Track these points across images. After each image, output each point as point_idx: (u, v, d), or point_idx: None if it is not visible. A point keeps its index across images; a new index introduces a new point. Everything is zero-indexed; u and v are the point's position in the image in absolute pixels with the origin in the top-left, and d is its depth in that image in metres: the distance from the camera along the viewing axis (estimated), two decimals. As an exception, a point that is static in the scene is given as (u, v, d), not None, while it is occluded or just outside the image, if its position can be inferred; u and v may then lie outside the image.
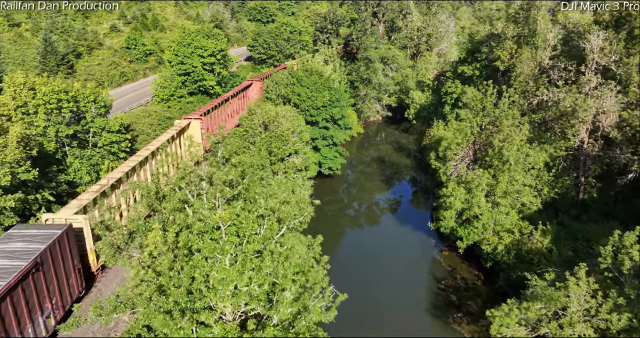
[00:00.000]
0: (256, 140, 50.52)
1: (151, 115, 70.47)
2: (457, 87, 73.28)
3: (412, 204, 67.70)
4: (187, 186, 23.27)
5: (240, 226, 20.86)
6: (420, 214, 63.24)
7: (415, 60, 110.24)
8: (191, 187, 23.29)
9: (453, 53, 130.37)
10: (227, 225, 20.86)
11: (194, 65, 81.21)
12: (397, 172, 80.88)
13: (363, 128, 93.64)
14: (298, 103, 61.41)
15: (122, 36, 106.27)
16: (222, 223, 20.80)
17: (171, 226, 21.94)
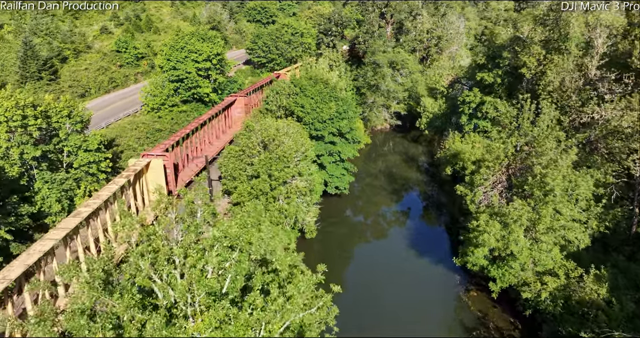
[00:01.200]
0: (254, 161, 43.88)
1: (139, 127, 63.90)
2: (476, 96, 66.68)
3: (429, 228, 60.99)
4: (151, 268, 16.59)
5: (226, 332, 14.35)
6: (439, 241, 56.61)
7: (424, 64, 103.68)
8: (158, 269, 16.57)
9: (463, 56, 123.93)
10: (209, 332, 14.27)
11: (187, 71, 74.71)
12: (408, 187, 74.18)
13: (370, 137, 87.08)
14: (301, 115, 54.80)
15: (113, 38, 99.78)
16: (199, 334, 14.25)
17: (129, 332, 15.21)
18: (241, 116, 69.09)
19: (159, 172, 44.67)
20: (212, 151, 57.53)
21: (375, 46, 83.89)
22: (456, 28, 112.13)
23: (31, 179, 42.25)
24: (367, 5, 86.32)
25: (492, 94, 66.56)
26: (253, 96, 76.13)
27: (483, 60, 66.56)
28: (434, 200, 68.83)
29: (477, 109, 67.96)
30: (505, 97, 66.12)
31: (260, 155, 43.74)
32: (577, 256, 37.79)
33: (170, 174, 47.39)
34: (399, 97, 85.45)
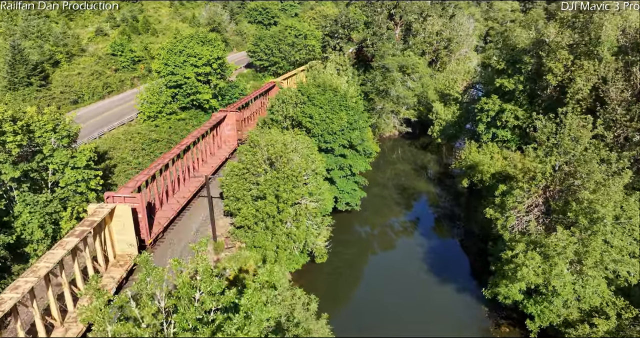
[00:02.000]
0: (260, 180, 39.45)
1: (134, 137, 59.46)
2: (495, 104, 62.26)
3: (447, 248, 56.46)
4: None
5: None
6: (459, 264, 52.17)
7: (433, 67, 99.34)
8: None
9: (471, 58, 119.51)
10: None
11: (186, 76, 70.30)
12: (420, 200, 69.79)
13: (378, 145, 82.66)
14: (310, 127, 50.38)
15: (108, 41, 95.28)
16: None
17: None
18: (232, 134, 63.38)
19: (126, 220, 36.52)
20: (192, 185, 50.12)
21: (385, 49, 79.48)
22: (466, 30, 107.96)
23: (10, 202, 37.83)
24: (376, 6, 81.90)
25: (512, 102, 62.18)
26: (246, 110, 70.65)
27: (502, 65, 62.10)
28: (450, 216, 64.36)
29: (496, 117, 63.58)
30: (526, 105, 61.77)
31: (267, 174, 39.30)
32: (626, 291, 33.46)
33: (143, 219, 38.68)
34: (410, 103, 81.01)
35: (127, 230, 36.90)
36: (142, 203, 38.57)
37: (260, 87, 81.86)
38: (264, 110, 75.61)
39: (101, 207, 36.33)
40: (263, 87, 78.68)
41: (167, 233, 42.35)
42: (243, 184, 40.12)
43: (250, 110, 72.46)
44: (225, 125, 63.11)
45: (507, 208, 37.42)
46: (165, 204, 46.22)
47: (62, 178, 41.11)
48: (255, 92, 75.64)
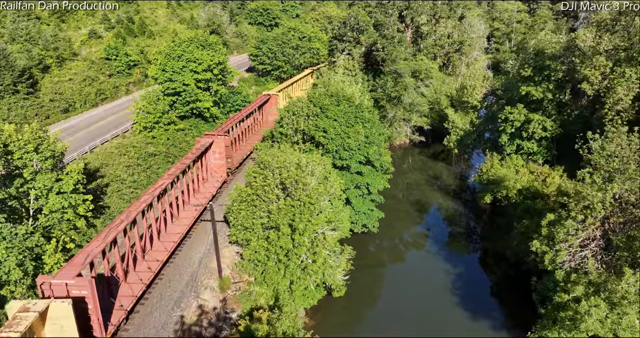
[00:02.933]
0: (272, 208, 34.52)
1: (129, 151, 54.39)
2: (521, 114, 57.52)
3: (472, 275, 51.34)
4: None
5: None
6: (487, 295, 47.29)
7: (445, 71, 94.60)
8: None
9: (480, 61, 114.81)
10: None
11: (185, 83, 65.32)
12: (438, 217, 64.85)
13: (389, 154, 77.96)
14: (324, 142, 45.47)
15: (102, 44, 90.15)
16: None
17: None
18: (220, 164, 52.40)
19: (66, 323, 25.68)
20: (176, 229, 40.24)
21: (396, 53, 74.62)
22: (477, 31, 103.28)
23: (-16, 236, 32.77)
24: (387, 7, 77.01)
25: (539, 111, 57.46)
26: (237, 129, 60.23)
27: (529, 72, 57.36)
28: (470, 234, 59.53)
29: (522, 128, 58.87)
30: (555, 115, 57.08)
31: (280, 202, 34.36)
32: None
33: (95, 311, 27.46)
34: (423, 110, 76.20)
35: (68, 333, 25.94)
36: (93, 290, 26.93)
37: (256, 99, 72.33)
38: (258, 128, 69.21)
39: (26, 309, 24.70)
40: (256, 101, 69.14)
41: (166, 268, 37.29)
42: (252, 212, 35.17)
43: (241, 129, 62.09)
44: (212, 153, 51.76)
45: (557, 241, 32.58)
46: (133, 273, 34.81)
47: (45, 205, 36.12)
48: (247, 108, 65.40)
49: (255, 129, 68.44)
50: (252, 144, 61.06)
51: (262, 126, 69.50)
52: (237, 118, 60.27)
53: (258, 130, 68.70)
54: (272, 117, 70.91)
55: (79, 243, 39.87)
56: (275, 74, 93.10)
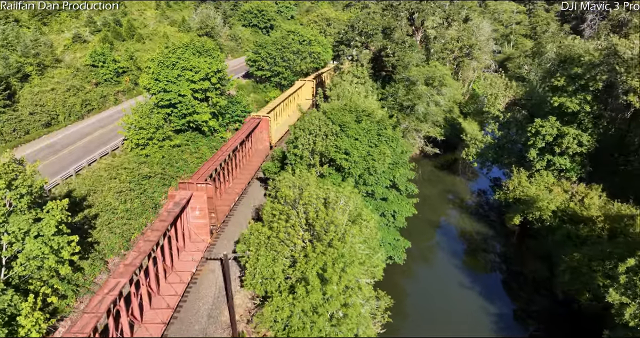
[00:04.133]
0: (296, 254, 28.74)
1: (120, 174, 48.11)
2: (553, 127, 52.48)
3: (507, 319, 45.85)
4: None
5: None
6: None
7: (454, 77, 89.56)
8: None
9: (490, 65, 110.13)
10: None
11: (181, 94, 59.10)
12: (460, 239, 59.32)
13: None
14: (346, 166, 39.76)
15: (88, 49, 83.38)
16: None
17: None
18: (202, 223, 40.52)
19: None
20: None
21: (408, 59, 69.20)
22: (485, 34, 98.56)
23: (-56, 298, 26.52)
24: (398, 9, 71.51)
25: (573, 124, 52.46)
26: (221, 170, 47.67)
27: (562, 81, 52.30)
28: (502, 262, 54.12)
29: (554, 143, 53.85)
30: (591, 128, 52.12)
31: (308, 248, 28.55)
32: None
33: None
34: (438, 120, 70.94)
35: None
36: None
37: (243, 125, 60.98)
38: (247, 160, 58.38)
39: None
40: (244, 129, 57.78)
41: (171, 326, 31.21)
42: (273, 258, 29.33)
43: (226, 168, 49.86)
44: (192, 210, 40.32)
45: None
46: None
47: (21, 252, 29.90)
48: (234, 139, 53.62)
49: (244, 162, 57.32)
50: (241, 185, 51.34)
51: (252, 157, 60.49)
52: (222, 156, 47.69)
53: (247, 163, 58.17)
54: (263, 145, 63.31)
55: (63, 292, 33.73)
56: (275, 81, 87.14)
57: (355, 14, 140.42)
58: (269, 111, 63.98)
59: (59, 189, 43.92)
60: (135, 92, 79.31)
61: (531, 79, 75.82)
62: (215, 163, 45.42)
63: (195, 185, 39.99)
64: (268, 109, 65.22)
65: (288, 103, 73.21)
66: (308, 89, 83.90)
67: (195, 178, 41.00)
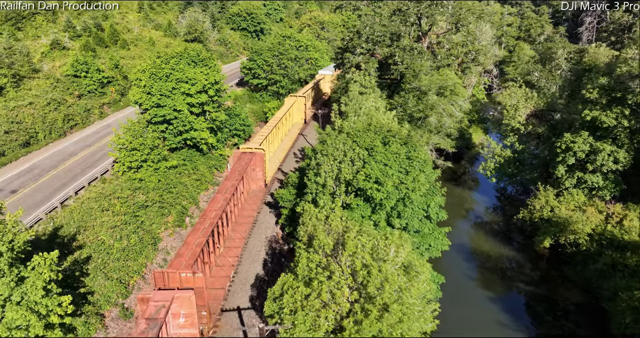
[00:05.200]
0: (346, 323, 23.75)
1: (112, 205, 42.31)
2: (586, 143, 48.60)
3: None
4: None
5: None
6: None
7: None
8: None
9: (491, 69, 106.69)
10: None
11: (177, 109, 53.57)
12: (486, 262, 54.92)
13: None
14: (378, 197, 34.87)
15: (68, 56, 76.71)
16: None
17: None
18: (189, 321, 30.92)
19: None
20: None
21: (419, 67, 64.78)
22: (488, 38, 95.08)
23: None
24: (407, 14, 66.94)
25: (608, 140, 48.64)
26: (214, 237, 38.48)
27: (594, 94, 48.46)
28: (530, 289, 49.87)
29: (587, 160, 50.01)
30: (627, 144, 48.38)
31: (357, 311, 23.59)
32: None
33: None
34: (452, 133, 66.71)
35: None
36: None
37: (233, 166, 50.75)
38: (241, 206, 48.73)
39: None
40: (237, 171, 48.25)
41: None
42: (314, 322, 24.28)
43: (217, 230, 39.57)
44: (175, 317, 30.54)
45: None
46: None
47: (1, 322, 24.27)
48: (225, 185, 44.97)
49: (236, 214, 46.90)
50: (233, 254, 40.57)
51: (245, 204, 50.19)
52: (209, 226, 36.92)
53: (240, 215, 47.63)
54: (257, 185, 54.45)
55: (54, 361, 28.03)
56: (272, 89, 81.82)
57: (347, 16, 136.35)
58: (261, 142, 54.82)
59: (43, 226, 37.97)
60: (122, 104, 73.22)
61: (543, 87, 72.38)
62: (197, 245, 33.77)
63: (177, 273, 29.47)
64: (260, 138, 56.34)
65: (280, 126, 65.82)
66: (300, 106, 77.99)
67: (174, 266, 30.15)
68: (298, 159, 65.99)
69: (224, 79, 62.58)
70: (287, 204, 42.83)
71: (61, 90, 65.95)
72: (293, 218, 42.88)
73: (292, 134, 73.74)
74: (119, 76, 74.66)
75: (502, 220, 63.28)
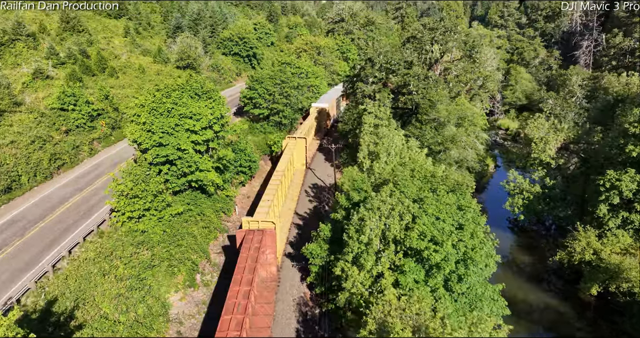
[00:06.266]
0: None
1: (115, 267, 36.23)
2: (634, 181, 44.90)
3: None
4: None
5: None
6: None
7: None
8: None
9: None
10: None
11: (181, 148, 48.04)
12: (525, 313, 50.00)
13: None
14: (434, 259, 29.84)
15: (52, 86, 70.60)
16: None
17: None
18: None
19: None
20: None
21: (437, 97, 60.99)
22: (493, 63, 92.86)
23: None
24: (423, 42, 63.42)
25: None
26: None
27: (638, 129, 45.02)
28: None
29: (634, 199, 46.22)
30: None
31: None
32: None
33: None
34: (474, 167, 62.67)
35: None
36: None
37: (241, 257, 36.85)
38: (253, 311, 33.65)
39: None
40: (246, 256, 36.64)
41: None
42: None
43: None
44: None
45: None
46: None
47: None
48: (234, 293, 32.68)
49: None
50: None
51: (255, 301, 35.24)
52: None
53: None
54: (267, 272, 38.79)
55: None
56: (274, 120, 76.92)
57: (341, 40, 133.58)
58: (267, 210, 43.00)
59: (33, 299, 31.70)
60: (114, 138, 67.22)
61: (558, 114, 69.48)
62: None
63: None
64: (265, 206, 44.05)
65: (284, 179, 54.69)
66: (301, 149, 68.01)
67: None
68: (310, 197, 60.75)
69: (229, 111, 57.53)
70: (317, 261, 37.45)
71: (46, 125, 59.73)
72: (323, 275, 37.49)
73: (296, 183, 64.22)
74: (109, 108, 68.81)
75: (531, 260, 58.88)
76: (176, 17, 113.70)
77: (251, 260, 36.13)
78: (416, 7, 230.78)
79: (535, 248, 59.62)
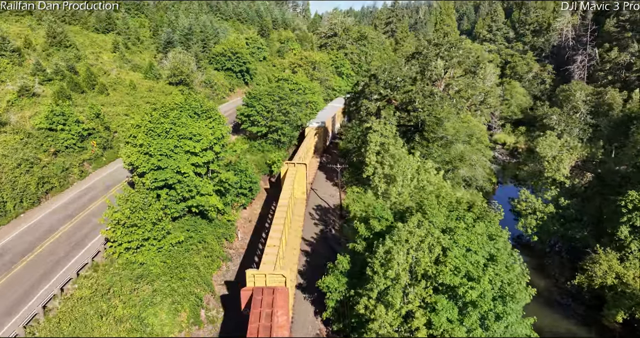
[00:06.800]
0: None
1: (112, 308, 32.85)
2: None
3: None
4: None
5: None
6: None
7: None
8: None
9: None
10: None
11: (181, 171, 45.01)
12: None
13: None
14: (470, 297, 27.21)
15: (39, 104, 67.11)
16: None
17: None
18: None
19: None
20: None
21: (443, 114, 59.12)
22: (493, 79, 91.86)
23: None
24: (429, 58, 61.72)
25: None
26: None
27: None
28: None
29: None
30: None
31: None
32: None
33: None
34: (484, 186, 60.63)
35: None
36: None
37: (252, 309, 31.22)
38: None
39: None
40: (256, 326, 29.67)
41: None
42: None
43: None
44: None
45: None
46: None
47: None
48: None
49: None
50: None
51: None
52: None
53: None
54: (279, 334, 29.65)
55: None
56: (272, 138, 74.26)
57: (335, 54, 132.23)
58: (275, 260, 37.00)
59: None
60: (105, 159, 63.83)
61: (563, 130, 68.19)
62: None
63: None
64: (271, 255, 37.88)
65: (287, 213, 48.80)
66: (301, 176, 61.63)
67: None
68: (315, 220, 57.93)
69: (228, 130, 54.71)
70: (335, 296, 34.53)
71: (33, 146, 56.17)
72: (342, 311, 34.57)
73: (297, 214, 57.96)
74: (100, 127, 65.50)
75: (545, 283, 56.52)
76: (167, 32, 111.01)
77: (264, 330, 29.48)
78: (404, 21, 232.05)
79: (545, 268, 57.45)
